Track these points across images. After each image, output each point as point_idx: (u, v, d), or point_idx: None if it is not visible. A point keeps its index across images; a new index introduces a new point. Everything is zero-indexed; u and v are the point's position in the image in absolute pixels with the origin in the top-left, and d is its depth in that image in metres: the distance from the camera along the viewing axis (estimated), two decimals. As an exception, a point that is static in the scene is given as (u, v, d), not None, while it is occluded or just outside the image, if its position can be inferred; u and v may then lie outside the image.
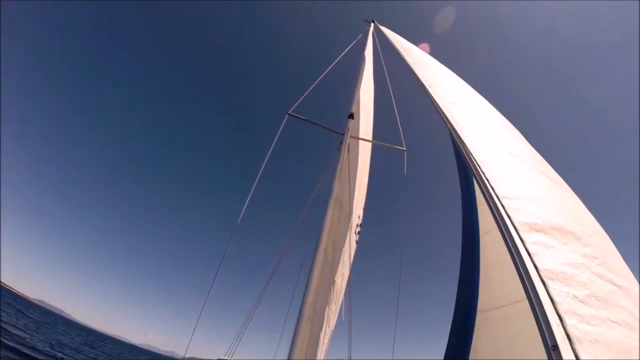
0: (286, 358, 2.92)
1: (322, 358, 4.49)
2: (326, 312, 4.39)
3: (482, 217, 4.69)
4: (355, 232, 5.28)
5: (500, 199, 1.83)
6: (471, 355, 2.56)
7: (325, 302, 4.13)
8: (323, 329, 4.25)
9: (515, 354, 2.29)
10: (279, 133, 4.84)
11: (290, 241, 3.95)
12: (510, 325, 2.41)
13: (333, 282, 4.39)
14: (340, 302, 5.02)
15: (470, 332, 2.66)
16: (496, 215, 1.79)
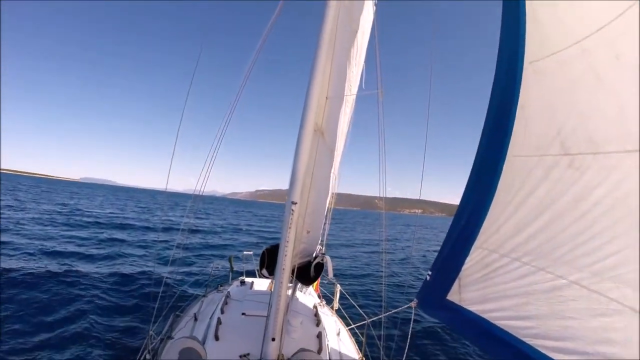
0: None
1: (348, 117, 4.29)
2: (347, 72, 3.83)
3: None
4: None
5: None
6: (518, 112, 2.38)
7: (345, 56, 3.44)
8: (346, 87, 3.76)
9: (576, 98, 2.07)
10: None
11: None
12: (569, 70, 2.11)
13: (354, 32, 3.54)
14: (361, 63, 4.39)
15: (517, 87, 2.38)
16: None
